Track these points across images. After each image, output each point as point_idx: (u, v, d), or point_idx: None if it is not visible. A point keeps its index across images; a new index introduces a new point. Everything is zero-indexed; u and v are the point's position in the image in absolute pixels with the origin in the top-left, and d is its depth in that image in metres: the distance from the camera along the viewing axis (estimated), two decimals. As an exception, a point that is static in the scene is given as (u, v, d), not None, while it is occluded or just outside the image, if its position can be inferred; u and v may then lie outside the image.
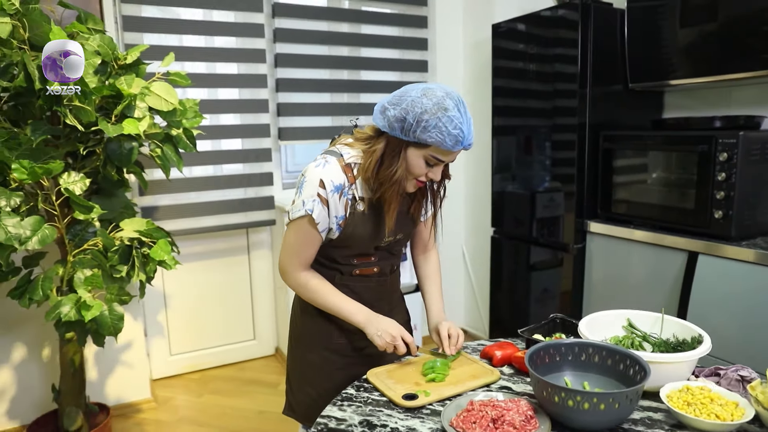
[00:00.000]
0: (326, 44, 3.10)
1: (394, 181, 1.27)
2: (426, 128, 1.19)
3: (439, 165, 1.27)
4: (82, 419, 2.10)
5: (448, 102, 1.20)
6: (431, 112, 1.19)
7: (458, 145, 1.22)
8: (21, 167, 1.64)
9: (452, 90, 1.25)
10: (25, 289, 1.81)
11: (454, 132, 1.20)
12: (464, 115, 1.22)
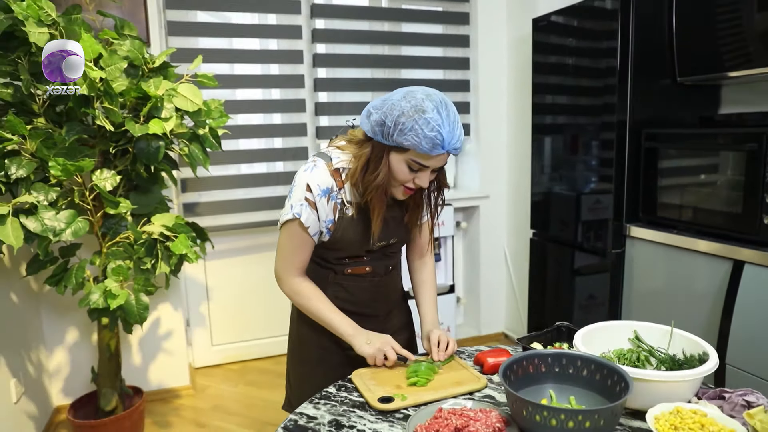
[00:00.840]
0: (365, 43, 3.11)
1: (375, 186, 1.25)
2: (402, 131, 1.17)
3: (424, 170, 1.23)
4: (117, 400, 2.24)
5: (426, 104, 1.17)
6: (408, 114, 1.16)
7: (437, 148, 1.18)
8: (56, 164, 1.77)
9: (435, 92, 1.21)
10: (61, 277, 1.96)
11: (431, 134, 1.16)
12: (445, 117, 1.17)
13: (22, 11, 1.68)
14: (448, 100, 1.22)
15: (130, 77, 1.99)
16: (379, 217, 1.30)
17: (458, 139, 1.20)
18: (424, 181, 1.25)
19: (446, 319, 2.92)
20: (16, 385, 2.20)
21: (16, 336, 2.28)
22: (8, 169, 1.73)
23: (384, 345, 1.34)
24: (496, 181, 3.34)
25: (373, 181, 1.25)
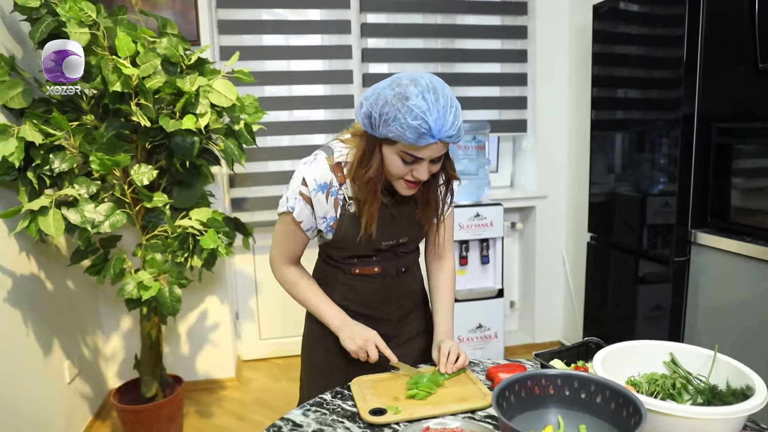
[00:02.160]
0: (417, 37, 3.02)
1: (366, 181, 1.18)
2: (387, 122, 1.08)
3: (420, 162, 1.14)
4: (157, 388, 2.31)
5: (410, 90, 1.07)
6: (391, 103, 1.08)
7: (424, 138, 1.08)
8: (96, 159, 1.84)
9: (425, 76, 1.11)
10: (101, 268, 2.04)
11: (414, 123, 1.06)
12: (432, 103, 1.07)
13: (65, 13, 1.76)
14: (439, 84, 1.11)
15: (169, 74, 2.03)
16: (373, 215, 1.22)
17: (451, 126, 1.09)
18: (422, 173, 1.15)
19: (493, 325, 2.78)
20: (70, 367, 2.33)
21: (72, 321, 2.41)
22: (52, 163, 1.82)
23: (366, 342, 1.27)
24: (555, 181, 3.13)
25: (363, 175, 1.18)
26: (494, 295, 2.78)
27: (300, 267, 1.39)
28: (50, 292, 2.22)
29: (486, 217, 2.68)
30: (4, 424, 1.85)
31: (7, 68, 1.90)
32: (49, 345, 2.18)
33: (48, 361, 2.16)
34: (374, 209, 1.22)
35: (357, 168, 1.19)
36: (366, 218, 1.22)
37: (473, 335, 2.77)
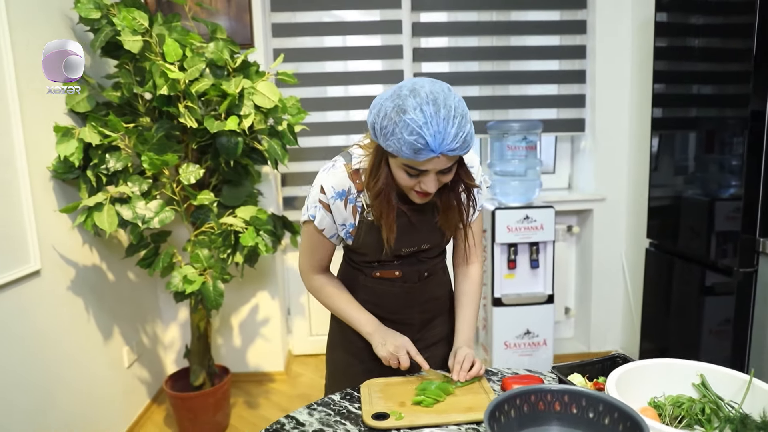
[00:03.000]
0: (470, 35, 2.96)
1: (377, 192, 1.15)
2: (386, 135, 1.05)
3: (426, 175, 1.09)
4: (204, 377, 2.42)
5: (409, 102, 1.02)
6: (390, 116, 1.03)
7: (421, 153, 1.02)
8: (147, 158, 1.96)
9: (427, 85, 1.05)
10: (151, 261, 2.16)
11: (410, 139, 1.01)
12: (431, 116, 1.01)
13: (120, 23, 1.88)
14: (442, 93, 1.05)
15: (216, 77, 2.11)
16: (389, 226, 1.20)
17: (454, 139, 1.03)
18: (430, 186, 1.11)
19: (542, 332, 2.67)
20: (129, 352, 2.49)
21: (132, 310, 2.58)
22: (108, 162, 1.95)
23: (398, 349, 1.26)
24: (614, 183, 2.96)
25: (374, 186, 1.16)
26: (544, 301, 2.67)
27: (329, 275, 1.39)
28: (111, 283, 2.38)
29: (536, 219, 2.58)
30: (67, 403, 2.01)
31: (75, 75, 2.05)
32: (109, 331, 2.35)
33: (108, 346, 2.33)
34: (391, 219, 1.20)
35: (368, 178, 1.18)
36: (385, 229, 1.20)
37: (521, 341, 2.68)
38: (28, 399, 1.79)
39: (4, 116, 1.72)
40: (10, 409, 1.70)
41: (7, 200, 1.73)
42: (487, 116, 3.02)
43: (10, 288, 1.73)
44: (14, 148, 1.76)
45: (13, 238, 1.76)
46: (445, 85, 1.10)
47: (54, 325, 1.95)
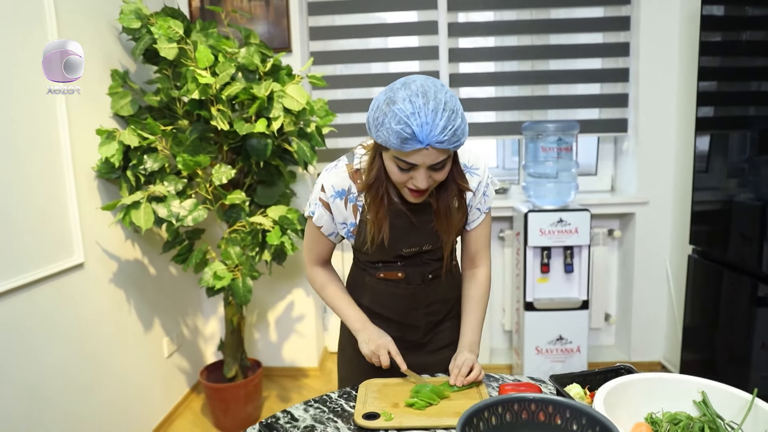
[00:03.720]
0: (508, 34, 2.91)
1: (367, 187, 1.19)
2: (377, 126, 1.08)
3: (416, 169, 1.10)
4: (236, 370, 2.52)
5: (398, 94, 1.05)
6: (381, 108, 1.07)
7: (408, 143, 1.04)
8: (181, 159, 2.06)
9: (419, 79, 1.07)
10: (186, 257, 2.27)
11: (397, 128, 1.03)
12: (420, 107, 1.02)
13: (156, 31, 1.99)
14: (433, 86, 1.06)
15: (249, 81, 2.19)
16: (378, 222, 1.22)
17: (442, 132, 1.04)
18: (420, 181, 1.11)
19: (576, 339, 2.60)
20: (168, 343, 2.62)
21: (173, 302, 2.71)
22: (145, 163, 2.07)
23: (379, 348, 1.28)
24: (659, 185, 2.83)
25: (367, 180, 1.18)
26: (578, 307, 2.59)
27: (328, 269, 1.43)
28: (153, 276, 2.52)
29: (570, 223, 2.51)
30: (109, 390, 2.15)
31: (121, 81, 2.19)
32: (150, 322, 2.48)
33: (148, 336, 2.46)
34: (381, 216, 1.22)
35: (364, 174, 1.20)
36: (373, 225, 1.23)
37: (553, 347, 2.61)
38: (69, 382, 1.93)
39: (52, 120, 1.86)
40: (52, 391, 1.84)
41: (54, 198, 1.87)
42: (526, 117, 2.96)
43: (55, 279, 1.87)
44: (61, 150, 1.90)
45: (59, 232, 1.90)
46: (440, 81, 1.11)
47: (96, 314, 2.09)
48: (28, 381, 1.73)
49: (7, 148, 1.66)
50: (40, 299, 1.80)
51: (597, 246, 2.96)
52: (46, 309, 1.82)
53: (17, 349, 1.70)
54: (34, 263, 1.77)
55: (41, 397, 1.79)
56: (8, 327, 1.66)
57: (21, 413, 1.70)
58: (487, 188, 1.34)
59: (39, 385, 1.78)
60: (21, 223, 1.72)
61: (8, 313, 1.66)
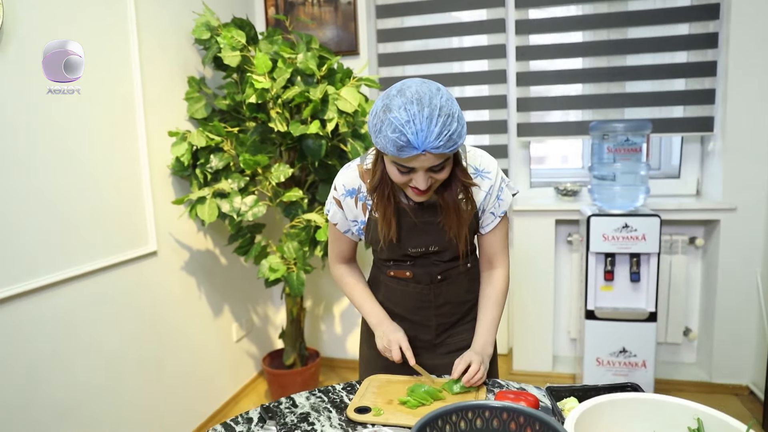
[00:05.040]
0: (580, 29, 2.78)
1: (372, 188, 1.23)
2: (375, 133, 1.11)
3: (416, 172, 1.13)
4: (295, 358, 2.66)
5: (395, 101, 1.07)
6: (378, 115, 1.09)
7: (404, 150, 1.06)
8: (243, 159, 2.23)
9: (413, 85, 1.08)
10: (247, 249, 2.44)
11: (393, 136, 1.06)
12: (415, 114, 1.04)
13: (221, 41, 2.16)
14: (428, 92, 1.07)
15: (308, 84, 2.31)
16: (386, 222, 1.25)
17: (437, 138, 1.05)
18: (420, 183, 1.14)
19: (641, 352, 2.42)
20: (237, 329, 2.84)
21: (243, 290, 2.92)
22: (211, 162, 2.26)
23: (390, 343, 1.31)
24: (749, 190, 2.55)
25: (371, 182, 1.22)
26: (644, 319, 2.42)
27: (351, 266, 1.49)
28: (224, 266, 2.74)
29: (637, 229, 2.35)
30: (178, 366, 2.38)
31: (197, 87, 2.40)
32: (220, 308, 2.70)
33: (217, 321, 2.68)
34: (389, 215, 1.25)
35: (370, 175, 1.25)
36: (384, 224, 1.26)
37: (615, 359, 2.46)
38: (141, 355, 2.16)
39: (131, 124, 2.10)
40: (124, 367, 2.08)
41: (132, 192, 2.11)
42: (600, 116, 2.81)
43: (132, 264, 2.12)
44: (138, 150, 2.14)
45: (136, 223, 2.14)
46: (435, 85, 1.12)
47: (167, 299, 2.33)
48: (105, 351, 1.97)
49: (94, 149, 1.91)
50: (118, 280, 2.04)
51: (675, 254, 2.74)
52: (123, 289, 2.07)
53: (99, 322, 1.94)
54: (114, 249, 2.01)
55: (116, 368, 2.03)
56: (90, 302, 1.91)
57: (99, 381, 1.95)
58: (501, 192, 1.33)
59: (115, 356, 2.02)
60: (104, 214, 1.96)
61: (92, 290, 1.91)
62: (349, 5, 2.89)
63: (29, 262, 1.68)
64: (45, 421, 1.73)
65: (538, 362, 2.95)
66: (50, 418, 1.75)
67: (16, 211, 1.63)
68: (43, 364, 1.73)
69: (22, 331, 1.67)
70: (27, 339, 1.68)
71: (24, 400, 1.66)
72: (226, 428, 1.13)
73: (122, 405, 2.06)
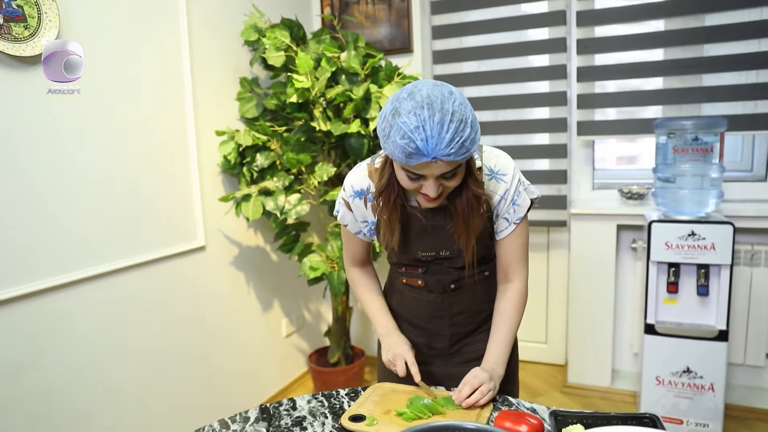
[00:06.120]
0: (651, 18, 2.56)
1: (380, 190, 1.18)
2: (383, 138, 1.05)
3: (425, 179, 1.07)
4: (339, 356, 2.67)
5: (404, 106, 1.00)
6: (387, 119, 1.03)
7: (413, 158, 1.00)
8: (287, 158, 2.26)
9: (424, 88, 1.01)
10: (291, 247, 2.47)
11: (401, 143, 1.00)
12: (425, 119, 0.97)
13: (266, 42, 2.21)
14: (440, 96, 1.00)
15: (352, 83, 2.30)
16: (391, 226, 1.21)
17: (449, 145, 0.98)
18: (430, 190, 1.08)
19: (709, 374, 2.19)
20: (287, 324, 2.90)
21: (295, 288, 2.97)
22: (256, 160, 2.31)
23: (396, 357, 1.26)
24: None
25: (378, 184, 1.18)
26: (713, 337, 2.18)
27: (365, 270, 1.45)
28: (275, 262, 2.80)
29: (705, 237, 2.12)
30: (224, 358, 2.47)
31: (249, 87, 2.47)
32: (269, 304, 2.77)
33: (266, 316, 2.75)
34: (394, 219, 1.21)
35: (377, 177, 1.21)
36: (388, 228, 1.22)
37: (678, 380, 2.25)
38: (185, 345, 2.26)
39: (182, 124, 2.19)
40: (171, 357, 2.19)
41: (182, 190, 2.21)
42: (674, 112, 2.58)
43: (180, 257, 2.22)
44: (188, 149, 2.23)
45: (186, 219, 2.24)
46: (448, 88, 1.05)
47: (215, 292, 2.41)
48: (151, 338, 2.08)
49: (147, 147, 2.01)
50: (167, 272, 2.14)
51: (757, 267, 2.45)
52: (170, 281, 2.17)
53: (146, 309, 2.05)
54: (164, 243, 2.12)
55: (162, 348, 2.13)
56: (140, 291, 2.02)
57: (144, 369, 2.06)
58: (517, 196, 1.24)
59: (164, 342, 2.13)
60: (154, 209, 2.07)
61: (142, 279, 2.03)
62: (402, 2, 2.85)
63: (76, 252, 1.80)
64: (92, 408, 1.85)
65: (596, 376, 2.76)
66: (97, 406, 1.87)
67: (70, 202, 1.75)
68: (89, 351, 1.85)
69: (68, 320, 1.79)
70: (72, 326, 1.80)
71: (74, 385, 1.79)
72: (223, 425, 1.14)
73: (167, 394, 2.16)
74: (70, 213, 1.76)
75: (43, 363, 1.70)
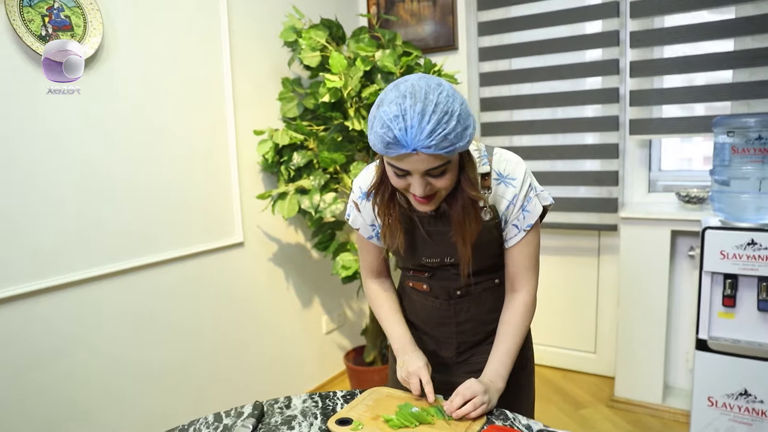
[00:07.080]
0: (712, 7, 2.36)
1: (368, 192, 1.16)
2: (369, 130, 1.03)
3: (411, 175, 1.03)
4: (375, 356, 2.67)
5: (388, 95, 0.98)
6: (372, 111, 1.01)
7: (392, 148, 0.96)
8: (322, 157, 2.29)
9: (410, 78, 0.99)
10: (327, 245, 2.49)
11: (380, 131, 0.96)
12: (406, 109, 0.94)
13: (302, 42, 2.24)
14: (425, 86, 0.96)
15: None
16: (390, 229, 1.17)
17: (430, 136, 0.94)
18: (416, 188, 1.03)
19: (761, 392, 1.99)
20: (327, 321, 2.93)
21: (335, 285, 3.00)
22: (293, 159, 2.35)
23: (410, 375, 1.20)
24: None
25: (371, 185, 1.15)
26: None
27: (382, 282, 1.40)
28: (315, 260, 2.85)
29: (767, 247, 1.93)
30: (261, 352, 2.54)
31: (291, 87, 2.53)
32: (309, 300, 2.82)
33: (306, 312, 2.80)
34: (393, 221, 1.18)
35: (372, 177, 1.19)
36: (386, 232, 1.19)
37: (733, 402, 2.05)
38: (224, 338, 2.35)
39: (222, 124, 2.28)
40: (210, 340, 2.28)
41: (222, 187, 2.30)
42: (742, 108, 2.37)
43: (219, 252, 2.30)
44: (228, 148, 2.31)
45: (225, 215, 2.32)
46: (437, 80, 1.01)
47: (253, 287, 2.49)
48: (190, 327, 2.18)
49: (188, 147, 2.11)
50: (206, 267, 2.24)
51: (834, 281, 2.19)
52: (210, 275, 2.26)
53: (186, 302, 2.15)
54: (204, 238, 2.21)
55: (200, 339, 2.23)
56: (181, 283, 2.13)
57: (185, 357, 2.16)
58: (527, 202, 1.17)
59: (202, 333, 2.22)
60: (197, 206, 2.17)
61: (183, 273, 2.13)
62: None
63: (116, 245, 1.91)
64: (132, 390, 1.97)
65: (646, 392, 2.59)
66: (137, 388, 1.98)
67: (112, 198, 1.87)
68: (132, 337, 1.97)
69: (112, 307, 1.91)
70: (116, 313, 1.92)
71: (112, 368, 1.91)
72: (217, 418, 1.17)
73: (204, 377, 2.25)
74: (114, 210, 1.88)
75: (82, 349, 1.82)
